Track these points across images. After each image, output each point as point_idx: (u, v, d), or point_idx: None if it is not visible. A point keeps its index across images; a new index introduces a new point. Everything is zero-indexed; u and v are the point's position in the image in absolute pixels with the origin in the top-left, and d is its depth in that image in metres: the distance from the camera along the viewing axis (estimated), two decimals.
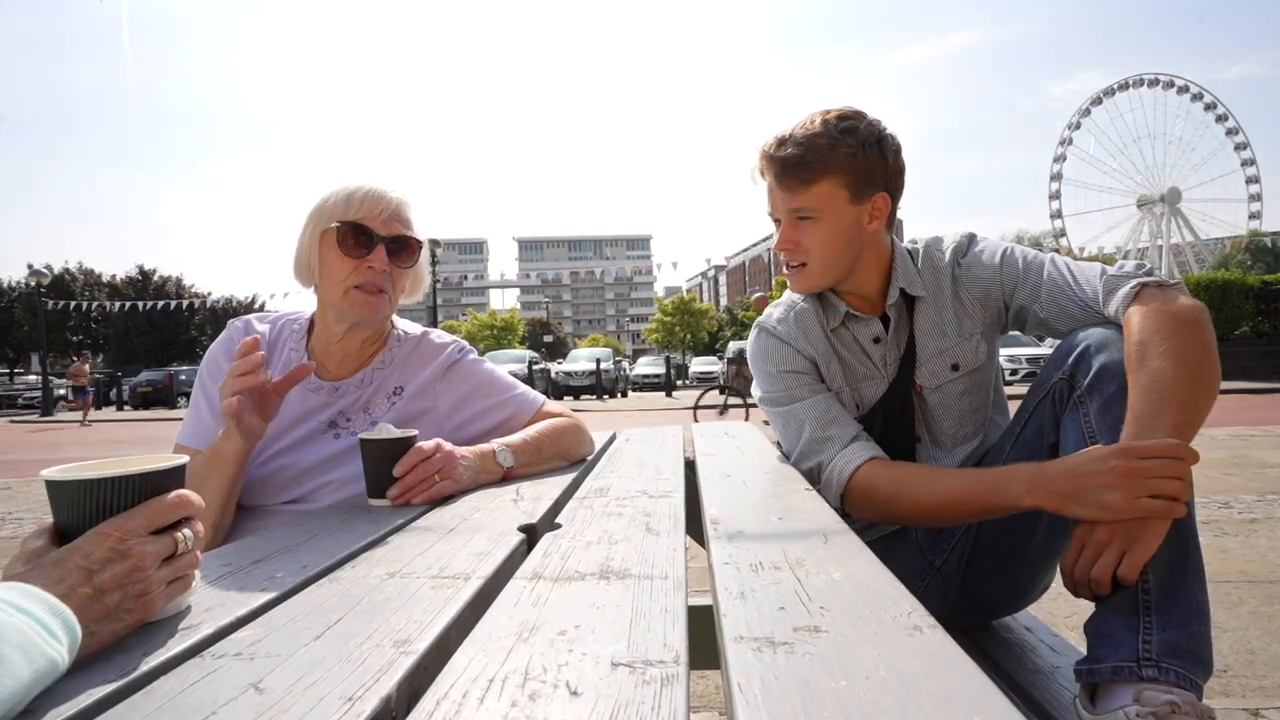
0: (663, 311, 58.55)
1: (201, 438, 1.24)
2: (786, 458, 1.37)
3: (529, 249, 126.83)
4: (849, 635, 0.53)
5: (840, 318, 1.35)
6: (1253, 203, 51.51)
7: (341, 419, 1.31)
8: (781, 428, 1.35)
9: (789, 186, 1.26)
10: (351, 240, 1.22)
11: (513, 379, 1.46)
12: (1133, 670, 0.86)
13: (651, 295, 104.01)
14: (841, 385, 1.36)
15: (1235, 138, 50.56)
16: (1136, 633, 0.88)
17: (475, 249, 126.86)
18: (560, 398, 20.20)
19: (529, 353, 25.46)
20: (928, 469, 1.24)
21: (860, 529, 1.23)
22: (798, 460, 1.30)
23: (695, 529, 1.01)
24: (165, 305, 32.31)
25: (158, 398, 23.50)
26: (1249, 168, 50.69)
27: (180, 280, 46.48)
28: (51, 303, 28.54)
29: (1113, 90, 51.94)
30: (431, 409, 1.36)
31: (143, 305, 31.17)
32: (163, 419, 17.73)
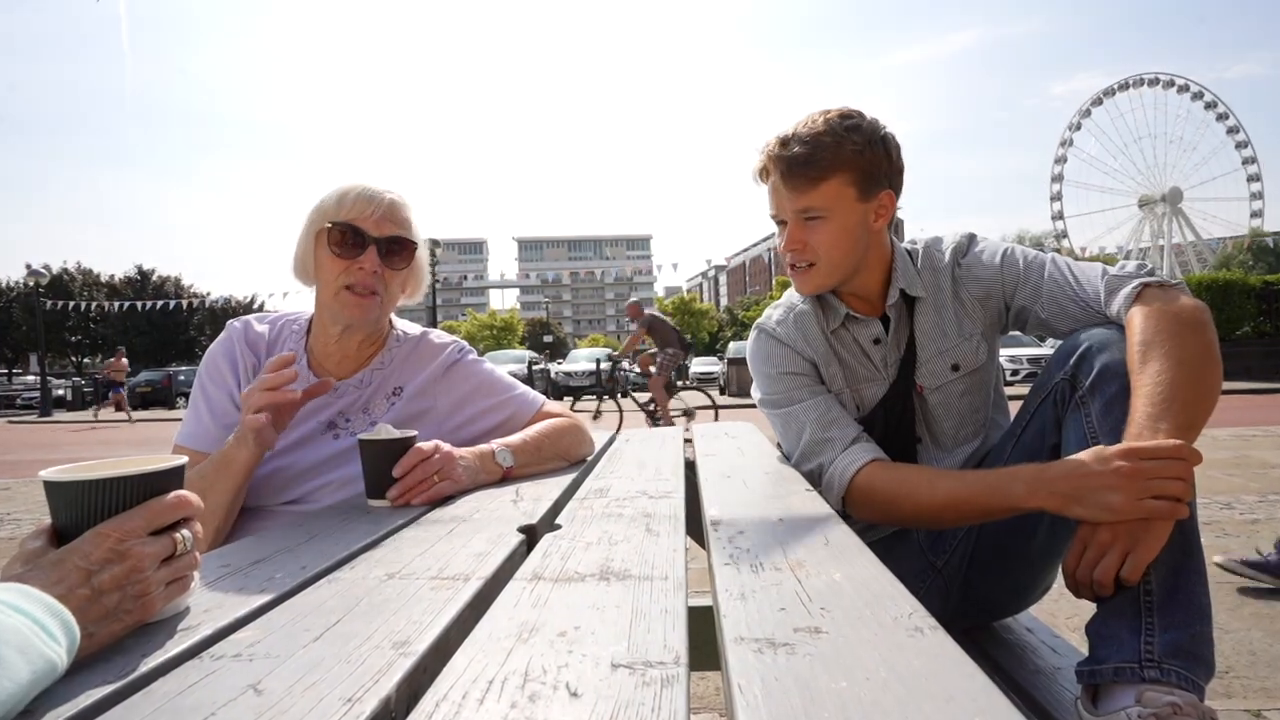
0: (663, 311, 58.62)
1: (201, 439, 1.24)
2: (787, 459, 1.36)
3: (529, 249, 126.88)
4: (850, 636, 0.53)
5: (840, 319, 1.35)
6: (1254, 201, 51.44)
7: (340, 419, 1.30)
8: (781, 430, 1.35)
9: (796, 186, 1.25)
10: (342, 241, 1.22)
11: (512, 379, 1.46)
12: (1134, 671, 0.86)
13: (652, 295, 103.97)
14: (841, 386, 1.36)
15: (1236, 136, 50.51)
16: (1138, 634, 0.87)
17: (475, 249, 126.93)
18: (560, 398, 20.19)
19: (529, 353, 25.44)
20: (928, 470, 1.24)
21: (861, 530, 1.22)
22: (798, 462, 1.30)
23: (695, 530, 1.01)
24: (164, 305, 32.31)
25: (156, 398, 23.52)
26: (1250, 165, 50.65)
27: (179, 280, 46.48)
28: (50, 303, 28.50)
29: (1113, 90, 51.92)
30: (431, 409, 1.36)
31: (141, 305, 31.16)
32: (162, 419, 17.72)
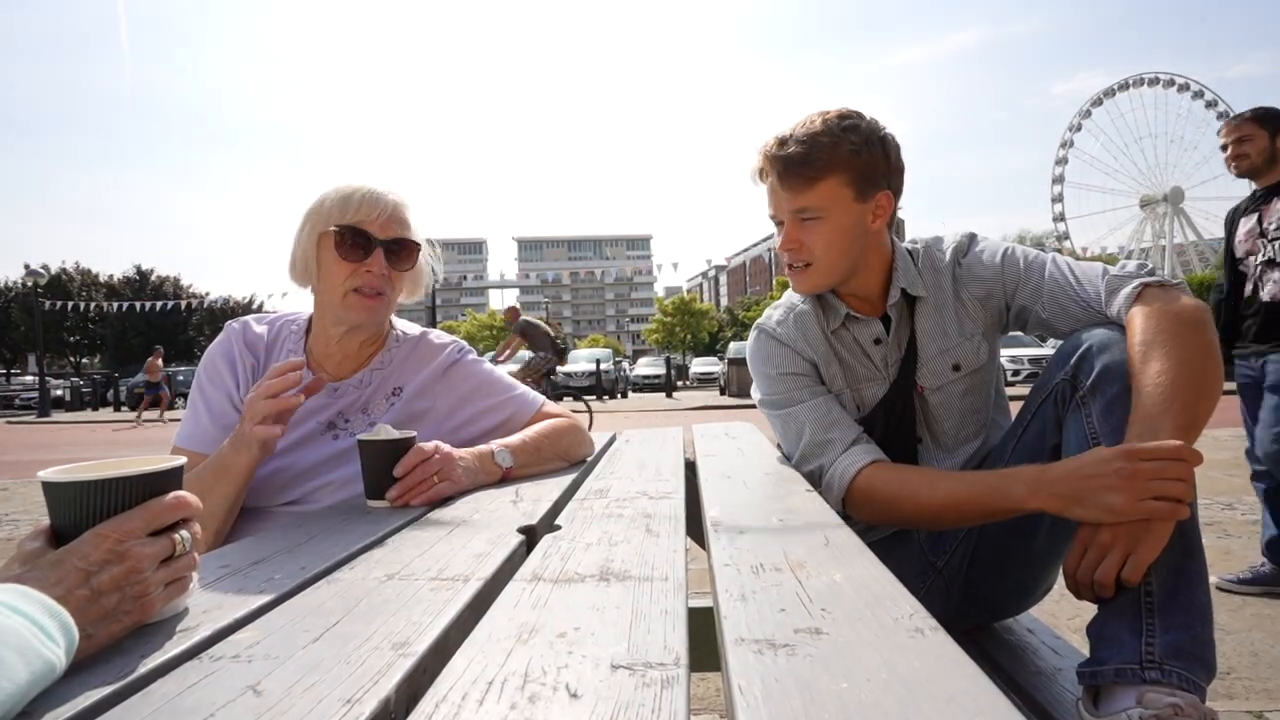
0: (663, 312, 58.52)
1: (200, 440, 1.24)
2: (787, 459, 1.36)
3: (528, 249, 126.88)
4: (850, 637, 0.53)
5: (840, 319, 1.35)
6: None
7: (340, 420, 1.30)
8: (782, 430, 1.35)
9: (793, 186, 1.26)
10: (349, 244, 1.22)
11: (512, 380, 1.46)
12: (1135, 672, 0.86)
13: (651, 295, 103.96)
14: (842, 387, 1.36)
15: None
16: (1139, 635, 0.87)
17: (474, 249, 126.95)
18: (560, 399, 20.20)
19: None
20: (929, 471, 1.24)
21: (861, 530, 1.22)
22: (798, 463, 1.30)
23: (696, 530, 1.01)
24: (163, 306, 32.29)
25: (155, 398, 23.45)
26: None
27: (178, 280, 46.42)
28: (48, 303, 28.45)
29: (1113, 90, 51.89)
30: (431, 409, 1.36)
31: (140, 306, 31.10)
32: (160, 420, 17.69)
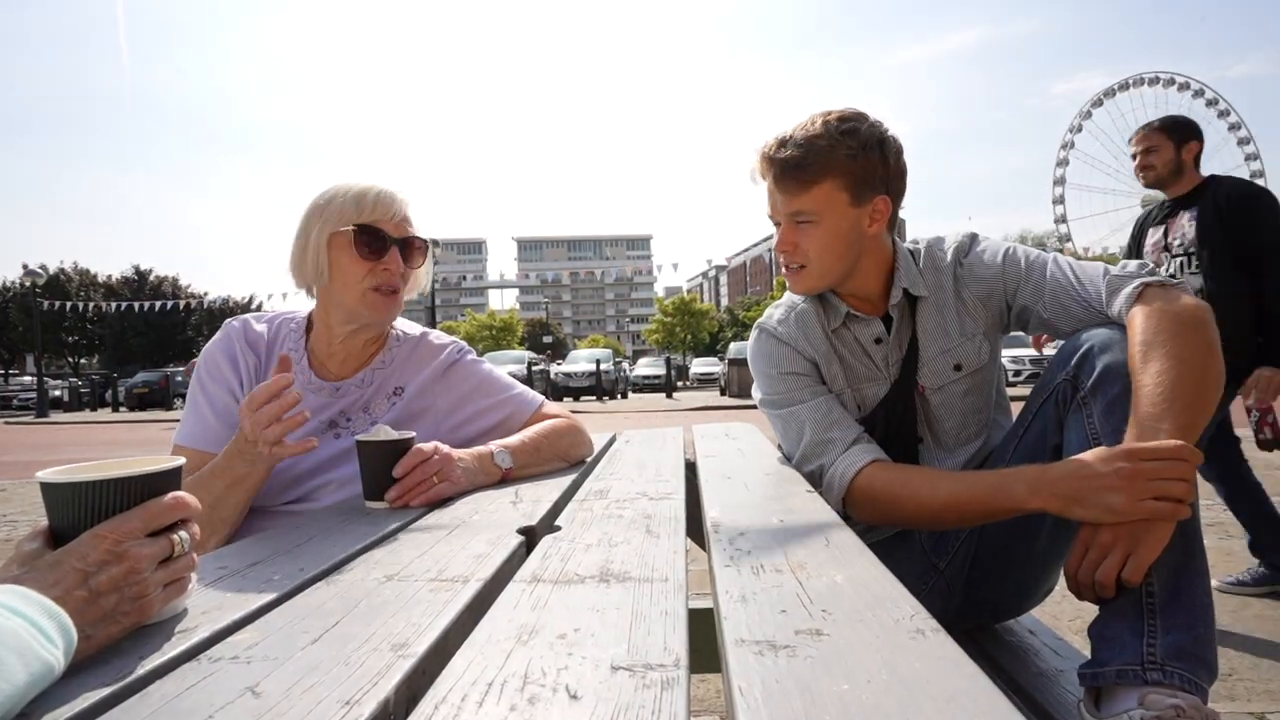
0: (663, 312, 58.44)
1: (204, 439, 1.24)
2: (788, 459, 1.36)
3: (528, 249, 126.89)
4: (851, 638, 0.53)
5: (841, 318, 1.35)
6: None
7: (342, 419, 1.31)
8: (782, 430, 1.35)
9: (788, 189, 1.26)
10: (367, 243, 1.23)
11: (511, 379, 1.46)
12: (1137, 674, 0.85)
13: (651, 296, 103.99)
14: (843, 386, 1.35)
15: (1239, 133, 50.40)
16: (1141, 636, 0.87)
17: (474, 249, 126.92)
18: (560, 399, 20.21)
19: (528, 353, 25.42)
20: (930, 471, 1.24)
21: (862, 531, 1.22)
22: (799, 463, 1.29)
23: (696, 531, 1.01)
24: (161, 306, 32.27)
25: (154, 399, 23.52)
26: (1253, 162, 50.47)
27: (176, 280, 46.34)
28: (47, 303, 28.40)
29: (1113, 91, 51.82)
30: (431, 409, 1.37)
31: (139, 306, 31.07)
32: (159, 420, 17.72)
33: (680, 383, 29.86)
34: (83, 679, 0.50)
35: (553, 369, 23.04)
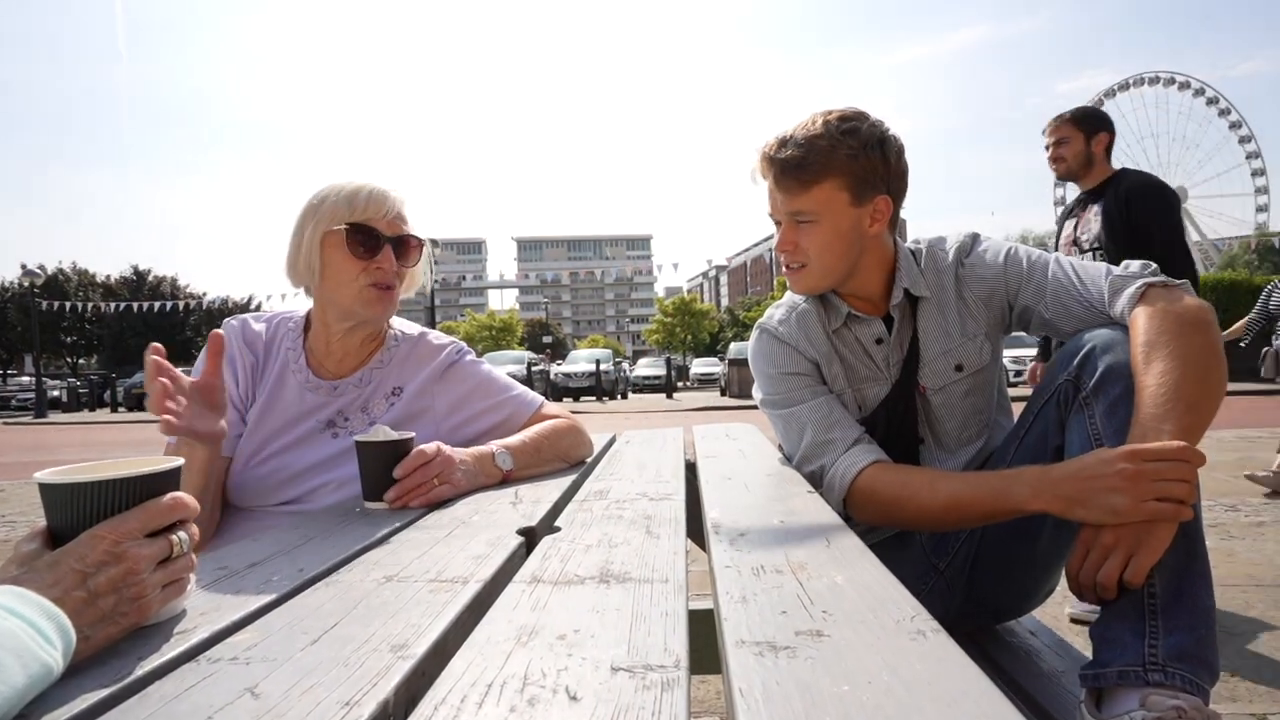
0: (663, 312, 58.40)
1: None
2: (788, 460, 1.36)
3: (528, 249, 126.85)
4: (851, 639, 0.53)
5: (842, 318, 1.35)
6: (1260, 196, 51.14)
7: (340, 418, 1.31)
8: (783, 430, 1.35)
9: (788, 189, 1.25)
10: (359, 242, 1.23)
11: (511, 380, 1.46)
12: (1138, 675, 0.85)
13: (652, 296, 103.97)
14: (843, 387, 1.35)
15: (1239, 131, 50.30)
16: (1142, 637, 0.87)
17: (474, 249, 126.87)
18: (559, 399, 20.21)
19: (528, 354, 25.41)
20: (930, 472, 1.24)
21: (863, 532, 1.22)
22: (799, 464, 1.29)
23: (696, 532, 1.01)
24: (160, 306, 32.25)
25: None
26: (1254, 160, 50.41)
27: (175, 281, 46.26)
28: (45, 303, 28.37)
29: (1114, 91, 51.73)
30: (429, 409, 1.37)
31: (137, 306, 31.06)
32: (158, 421, 17.65)
33: (680, 383, 29.86)
34: (81, 680, 0.50)
35: (552, 369, 23.03)
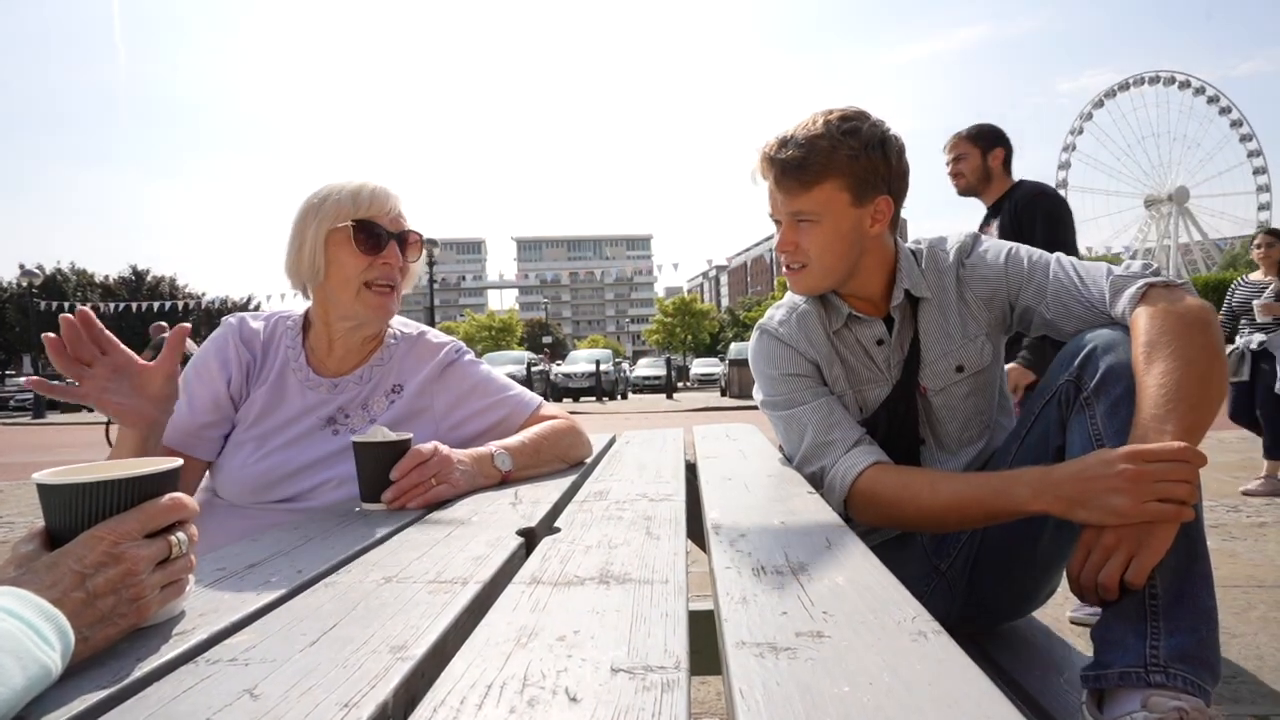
0: (663, 312, 58.38)
1: (178, 438, 1.25)
2: (789, 461, 1.36)
3: (528, 249, 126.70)
4: (852, 640, 0.53)
5: (843, 319, 1.34)
6: (1261, 194, 51.05)
7: (340, 415, 1.32)
8: (784, 432, 1.35)
9: (788, 189, 1.25)
10: (365, 238, 1.25)
11: (509, 380, 1.47)
12: (1140, 676, 0.85)
13: (652, 296, 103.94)
14: (844, 388, 1.35)
15: (1240, 129, 50.21)
16: (1144, 638, 0.87)
17: (473, 249, 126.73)
18: (559, 400, 20.21)
19: (528, 354, 25.42)
20: (931, 473, 1.23)
21: (864, 533, 1.22)
22: (800, 465, 1.29)
23: (696, 533, 1.00)
24: (159, 306, 32.23)
25: None
26: (1256, 159, 50.31)
27: (174, 281, 46.21)
28: (44, 303, 28.33)
29: (1114, 91, 51.67)
30: (429, 408, 1.37)
31: (136, 306, 31.02)
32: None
33: (680, 383, 29.85)
34: (80, 681, 0.50)
35: (552, 369, 23.02)
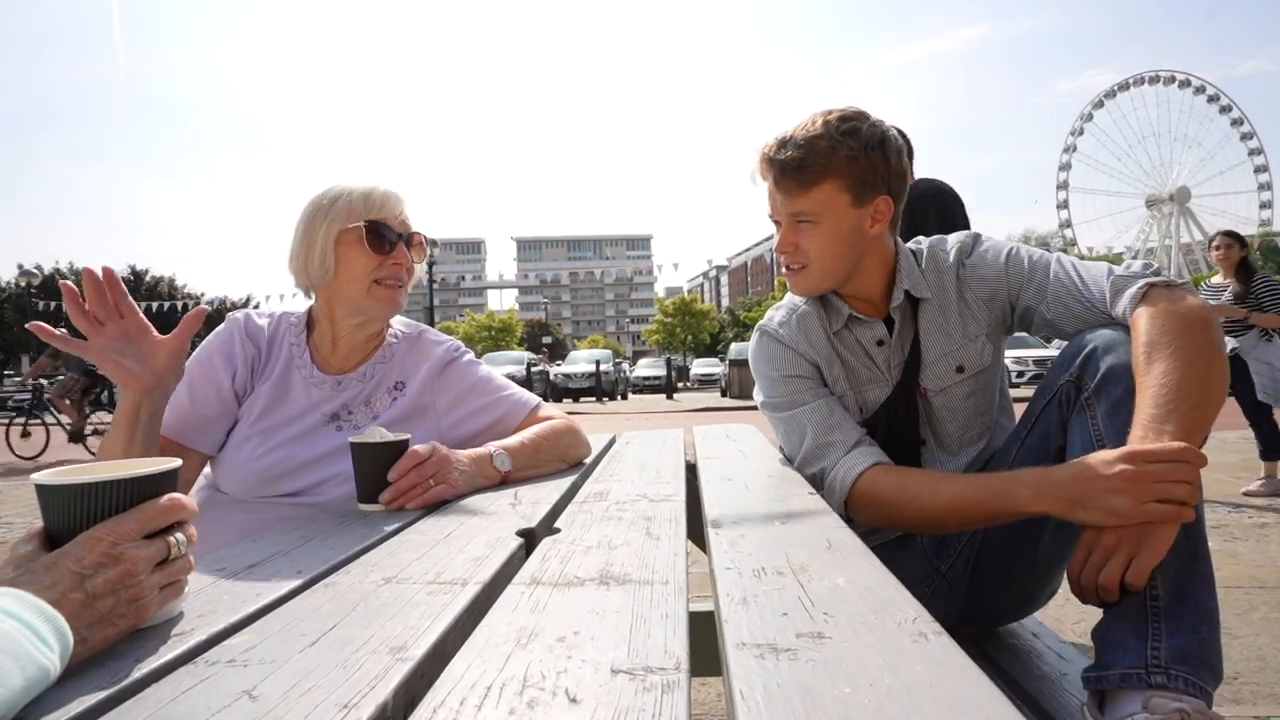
0: (663, 312, 58.37)
1: (170, 424, 1.25)
2: (789, 461, 1.36)
3: (527, 249, 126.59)
4: (853, 642, 0.52)
5: (843, 320, 1.34)
6: (1263, 192, 51.01)
7: (344, 412, 1.34)
8: (784, 433, 1.34)
9: (788, 190, 1.25)
10: (375, 239, 1.28)
11: (507, 380, 1.48)
12: (1141, 677, 0.85)
13: (652, 296, 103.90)
14: (845, 389, 1.35)
15: (1241, 128, 50.15)
16: (1145, 639, 0.86)
17: (473, 249, 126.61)
18: (559, 400, 20.21)
19: (528, 354, 25.42)
20: (931, 474, 1.23)
21: (864, 534, 1.22)
22: (800, 466, 1.29)
23: (696, 533, 1.00)
24: (159, 306, 32.16)
25: None
26: (1257, 156, 50.26)
27: (173, 281, 46.13)
28: (42, 303, 28.30)
29: (1114, 91, 51.59)
30: (431, 406, 1.39)
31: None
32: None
33: (681, 384, 29.84)
34: (78, 683, 0.50)
35: (552, 370, 23.00)
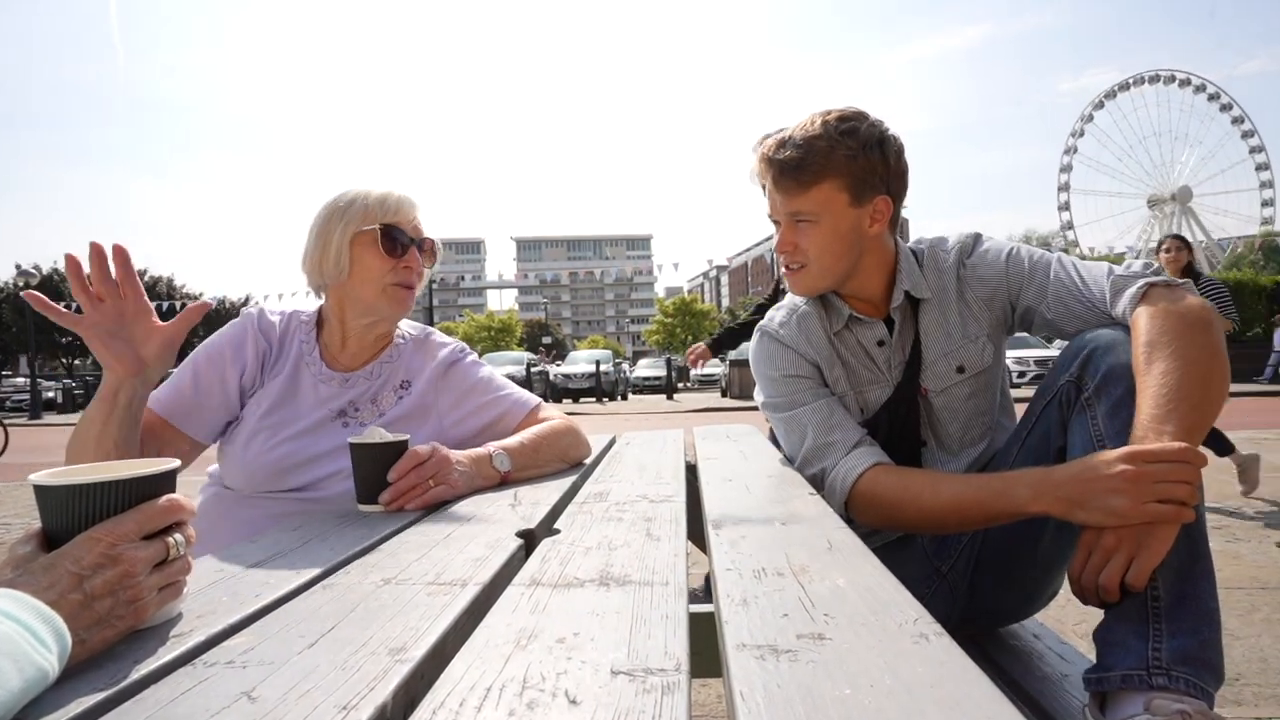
0: (663, 312, 58.30)
1: (169, 405, 1.26)
2: (790, 461, 1.36)
3: (527, 249, 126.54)
4: (853, 643, 0.52)
5: (843, 320, 1.34)
6: (1264, 189, 50.92)
7: (351, 409, 1.36)
8: (784, 433, 1.34)
9: (787, 189, 1.25)
10: (392, 242, 1.32)
11: (507, 380, 1.50)
12: (1142, 678, 0.85)
13: (652, 296, 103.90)
14: (845, 389, 1.35)
15: (1242, 126, 50.08)
16: (1146, 640, 0.86)
17: (472, 249, 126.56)
18: (559, 400, 20.21)
19: (528, 354, 25.42)
20: (932, 474, 1.23)
21: (865, 534, 1.21)
22: (801, 466, 1.29)
23: (697, 534, 1.00)
24: (157, 306, 32.05)
25: None
26: (1258, 155, 50.19)
27: (171, 281, 46.04)
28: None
29: (1114, 91, 51.54)
30: (434, 405, 1.41)
31: None
32: None
33: (681, 384, 29.81)
34: (76, 684, 0.50)
35: (552, 370, 22.99)
